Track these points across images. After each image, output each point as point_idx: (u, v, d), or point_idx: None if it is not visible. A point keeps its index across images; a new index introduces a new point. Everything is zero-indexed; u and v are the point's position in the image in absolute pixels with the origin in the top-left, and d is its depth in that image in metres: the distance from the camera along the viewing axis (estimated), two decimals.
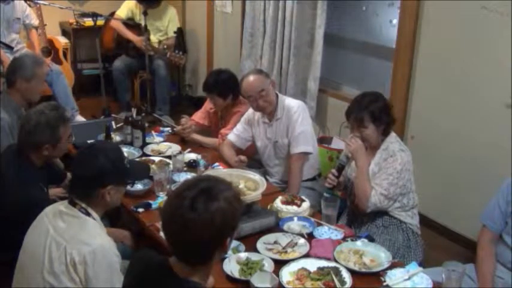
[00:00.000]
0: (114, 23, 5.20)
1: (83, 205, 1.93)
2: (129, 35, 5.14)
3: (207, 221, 1.45)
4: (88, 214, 1.93)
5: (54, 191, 2.76)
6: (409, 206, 2.67)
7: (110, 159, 1.96)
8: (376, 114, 2.60)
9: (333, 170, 2.75)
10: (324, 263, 2.13)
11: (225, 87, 3.45)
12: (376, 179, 2.61)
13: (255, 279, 1.97)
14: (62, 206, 1.96)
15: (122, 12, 5.27)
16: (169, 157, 3.12)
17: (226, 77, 3.51)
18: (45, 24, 4.90)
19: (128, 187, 2.74)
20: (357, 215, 2.78)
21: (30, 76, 3.14)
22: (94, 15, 4.74)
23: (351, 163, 2.77)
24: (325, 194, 2.69)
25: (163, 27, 5.34)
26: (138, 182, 2.82)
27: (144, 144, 3.34)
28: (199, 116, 3.72)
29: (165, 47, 5.18)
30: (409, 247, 2.65)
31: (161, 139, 3.48)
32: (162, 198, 2.68)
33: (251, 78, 3.11)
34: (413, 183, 2.68)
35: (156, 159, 3.14)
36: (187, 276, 1.52)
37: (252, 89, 3.08)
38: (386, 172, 2.59)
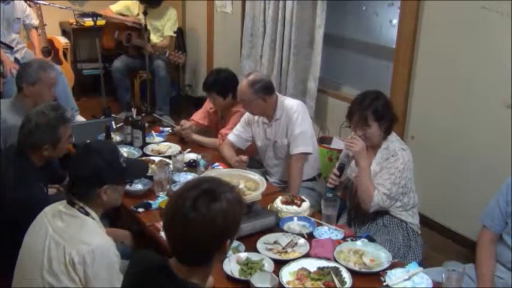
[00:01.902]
0: (105, 12, 5.22)
1: (82, 205, 1.93)
2: (120, 17, 5.17)
3: (208, 221, 1.46)
4: (87, 214, 1.93)
5: (50, 191, 2.77)
6: (410, 205, 2.67)
7: (105, 159, 1.96)
8: (380, 112, 2.59)
9: (334, 170, 2.74)
10: (324, 263, 2.13)
11: (225, 86, 3.45)
12: (378, 178, 2.60)
13: (255, 279, 1.97)
14: (61, 206, 1.96)
15: (115, 7, 5.29)
16: (169, 157, 3.12)
17: (226, 76, 3.51)
18: (45, 24, 4.91)
19: (128, 187, 2.74)
20: (357, 215, 2.77)
21: (35, 80, 3.16)
22: (94, 15, 4.75)
23: (351, 163, 2.77)
24: (327, 194, 2.69)
25: (162, 27, 5.35)
26: (138, 181, 2.82)
27: (144, 144, 3.34)
28: (199, 116, 3.72)
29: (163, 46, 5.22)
30: (409, 246, 2.65)
31: (161, 139, 3.48)
32: (162, 198, 2.68)
33: (241, 84, 3.14)
34: (413, 182, 2.68)
35: (156, 159, 3.13)
36: (187, 277, 1.52)
37: (238, 94, 3.15)
38: (389, 172, 2.58)
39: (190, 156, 3.17)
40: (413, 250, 2.65)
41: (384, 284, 2.06)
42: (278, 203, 2.59)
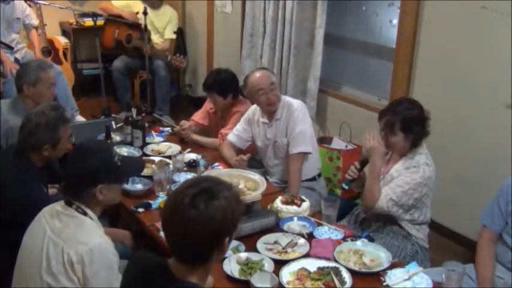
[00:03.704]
0: (103, 5, 5.22)
1: (79, 204, 1.93)
2: (119, 11, 5.18)
3: (207, 219, 1.46)
4: (85, 213, 1.93)
5: (50, 191, 2.77)
6: (419, 221, 2.61)
7: (99, 159, 1.96)
8: (408, 123, 2.51)
9: (356, 163, 2.69)
10: (324, 263, 2.13)
11: (225, 86, 3.45)
12: (392, 183, 2.55)
13: (255, 279, 1.97)
14: (59, 206, 1.96)
15: (116, 3, 5.30)
16: (169, 157, 3.12)
17: (226, 76, 3.51)
18: (45, 24, 4.91)
19: (128, 187, 2.75)
20: (368, 217, 2.74)
21: (35, 81, 3.16)
22: (94, 15, 4.76)
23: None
24: (343, 185, 2.69)
25: (162, 28, 5.35)
26: (138, 181, 2.82)
27: (144, 144, 3.34)
28: (199, 116, 3.72)
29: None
30: (416, 259, 2.56)
31: (161, 139, 3.48)
32: (162, 198, 2.68)
33: (259, 73, 3.14)
34: (429, 199, 2.60)
35: (156, 159, 3.13)
36: (185, 277, 1.52)
37: (264, 81, 3.08)
38: (404, 180, 2.51)
39: (190, 156, 3.17)
40: (418, 263, 2.57)
41: (384, 284, 2.06)
42: (278, 203, 2.59)
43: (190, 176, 2.89)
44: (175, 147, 3.31)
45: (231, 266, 2.11)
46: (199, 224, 1.46)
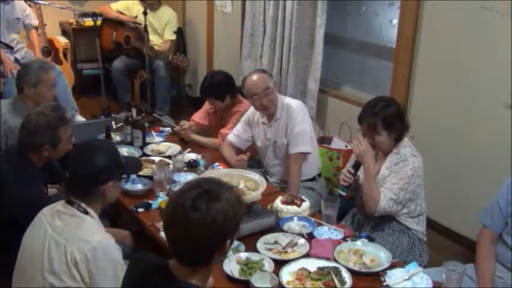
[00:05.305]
0: (101, 9, 5.23)
1: (81, 204, 1.94)
2: (117, 14, 5.19)
3: (208, 221, 1.46)
4: (86, 212, 1.94)
5: (50, 191, 2.77)
6: (416, 213, 2.63)
7: (109, 155, 1.99)
8: (390, 121, 2.56)
9: (349, 168, 2.67)
10: (324, 263, 2.13)
11: (221, 89, 3.45)
12: (386, 183, 2.57)
13: (255, 279, 1.97)
14: (59, 205, 1.97)
15: (115, 6, 5.30)
16: (169, 157, 3.12)
17: (221, 79, 3.51)
18: (45, 24, 4.91)
19: (128, 187, 2.75)
20: (363, 217, 2.74)
21: (36, 81, 3.17)
22: (94, 15, 4.76)
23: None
24: (340, 192, 2.66)
25: (161, 30, 5.35)
26: (138, 181, 2.83)
27: (144, 144, 3.34)
28: (199, 117, 3.72)
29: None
30: (412, 253, 2.61)
31: (161, 139, 3.49)
32: (162, 198, 2.68)
33: (255, 76, 3.12)
34: (423, 189, 2.64)
35: (156, 159, 3.14)
36: (186, 279, 1.52)
37: (258, 86, 3.07)
38: (397, 177, 2.54)
39: (190, 156, 3.18)
40: (416, 257, 2.60)
41: (384, 284, 2.06)
42: (278, 203, 2.59)
43: (190, 176, 2.89)
44: (175, 147, 3.31)
45: (231, 266, 2.11)
46: (200, 226, 1.46)
